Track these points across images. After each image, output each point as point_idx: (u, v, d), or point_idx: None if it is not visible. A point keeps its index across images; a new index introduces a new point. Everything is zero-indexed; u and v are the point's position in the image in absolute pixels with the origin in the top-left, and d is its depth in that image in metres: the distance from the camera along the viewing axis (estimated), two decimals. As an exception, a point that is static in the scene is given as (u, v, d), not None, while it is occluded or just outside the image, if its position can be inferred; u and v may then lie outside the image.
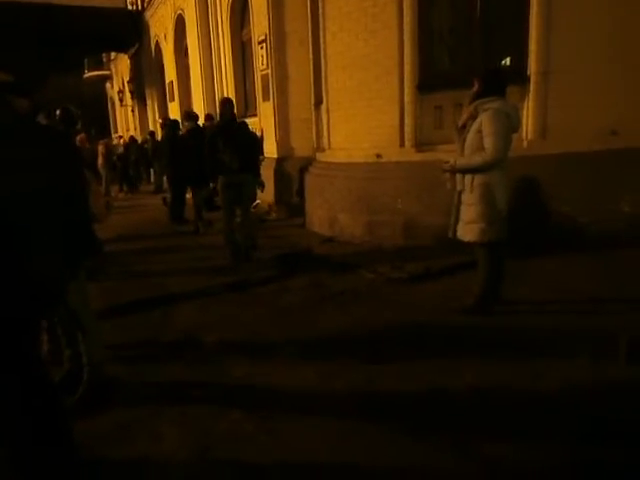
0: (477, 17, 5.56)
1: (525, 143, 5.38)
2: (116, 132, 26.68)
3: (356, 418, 2.64)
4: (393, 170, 5.91)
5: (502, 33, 5.67)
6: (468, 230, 3.74)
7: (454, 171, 3.80)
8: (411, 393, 2.85)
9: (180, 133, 8.96)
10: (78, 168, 2.72)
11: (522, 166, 4.67)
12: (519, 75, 5.36)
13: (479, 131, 3.59)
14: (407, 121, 5.81)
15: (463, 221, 3.77)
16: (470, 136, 3.67)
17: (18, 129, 1.86)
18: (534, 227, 5.03)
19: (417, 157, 5.78)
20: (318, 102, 7.45)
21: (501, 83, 3.71)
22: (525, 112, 5.37)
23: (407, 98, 5.76)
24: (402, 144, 5.89)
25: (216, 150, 5.52)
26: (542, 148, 5.27)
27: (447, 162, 3.82)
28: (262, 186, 6.08)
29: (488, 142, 3.53)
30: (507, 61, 5.81)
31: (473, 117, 3.68)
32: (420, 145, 5.80)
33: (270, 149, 9.36)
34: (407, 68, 5.72)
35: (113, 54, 23.99)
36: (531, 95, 5.38)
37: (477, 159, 3.60)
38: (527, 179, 5.11)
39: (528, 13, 5.24)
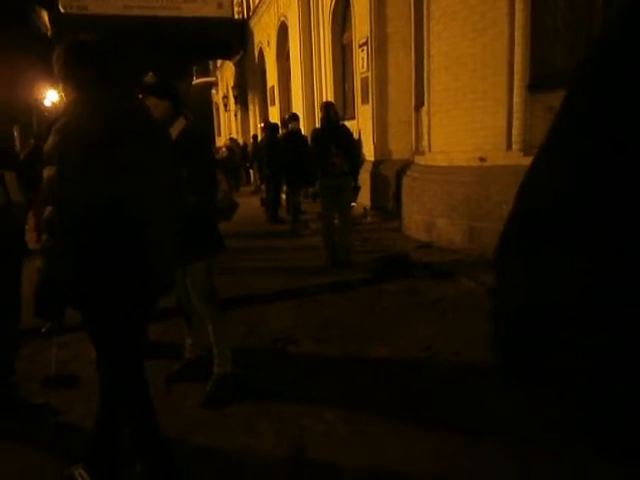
0: (598, 9, 5.13)
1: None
2: (220, 136, 28.07)
3: (454, 433, 2.51)
4: (498, 174, 5.62)
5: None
6: None
7: None
8: (516, 415, 2.67)
9: (279, 135, 9.22)
10: (206, 168, 2.88)
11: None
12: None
13: None
14: (515, 123, 5.51)
15: None
16: None
17: (150, 129, 1.98)
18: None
19: (525, 161, 5.43)
20: (419, 104, 7.31)
21: None
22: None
23: (516, 99, 5.46)
24: (509, 147, 5.59)
25: (327, 153, 5.56)
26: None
27: None
28: (358, 189, 6.04)
29: None
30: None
31: None
32: (529, 148, 5.46)
33: (367, 152, 9.35)
34: (517, 67, 5.42)
35: (219, 61, 25.27)
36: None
37: None
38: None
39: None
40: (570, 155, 0.44)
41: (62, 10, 15.35)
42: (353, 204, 8.11)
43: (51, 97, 21.45)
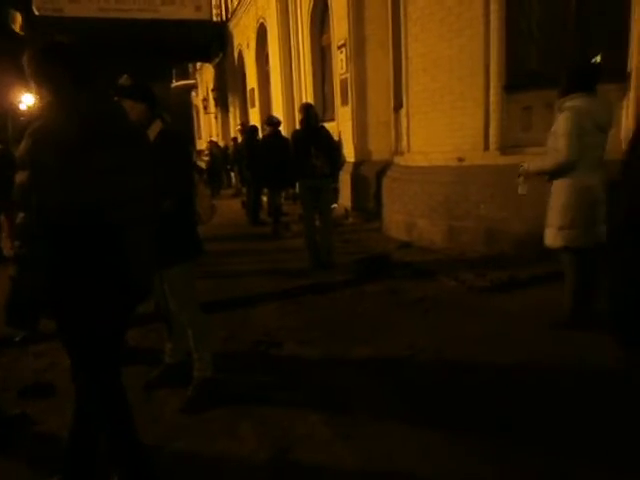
0: (571, 11, 5.23)
1: (624, 145, 4.97)
2: (200, 138, 27.88)
3: (436, 431, 2.53)
4: (476, 174, 5.69)
5: (599, 27, 5.28)
6: (546, 234, 3.60)
7: (528, 175, 3.61)
8: (497, 410, 2.70)
9: (259, 137, 9.21)
10: (184, 171, 2.85)
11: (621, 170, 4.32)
12: (618, 72, 4.97)
13: (555, 131, 3.39)
14: (492, 123, 5.57)
15: (545, 225, 3.60)
16: (550, 137, 3.46)
17: (128, 132, 1.95)
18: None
19: (502, 160, 5.51)
20: (398, 105, 7.35)
21: (587, 78, 3.43)
22: (624, 111, 4.97)
23: (493, 99, 5.53)
24: (486, 147, 5.65)
25: (307, 155, 5.56)
26: (644, 150, 4.84)
27: (522, 165, 3.65)
28: (337, 191, 6.09)
29: (560, 143, 3.33)
30: (602, 57, 5.40)
31: None
32: (506, 148, 5.53)
33: (347, 153, 9.37)
34: (493, 68, 5.48)
35: (199, 64, 25.12)
36: (631, 93, 4.98)
37: (549, 161, 3.42)
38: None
39: (629, 4, 4.85)
40: None
41: (36, 12, 15.10)
42: (334, 205, 8.14)
43: (27, 101, 21.08)
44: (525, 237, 4.86)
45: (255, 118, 15.71)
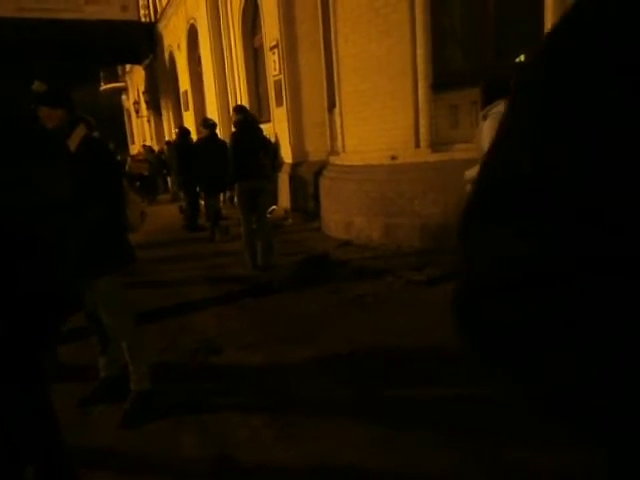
0: (490, 13, 5.48)
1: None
2: (133, 143, 27.01)
3: (378, 424, 2.58)
4: (409, 171, 5.84)
5: (516, 28, 5.57)
6: None
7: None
8: (435, 399, 2.78)
9: (193, 141, 9.02)
10: (111, 178, 2.74)
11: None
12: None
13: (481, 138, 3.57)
14: (422, 121, 5.74)
15: None
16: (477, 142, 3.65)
17: (42, 141, 1.84)
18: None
19: (433, 157, 5.70)
20: (331, 106, 7.43)
21: (501, 88, 3.65)
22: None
23: (421, 98, 5.70)
24: (417, 145, 5.82)
25: (243, 156, 5.50)
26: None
27: (465, 174, 3.79)
28: (274, 193, 6.11)
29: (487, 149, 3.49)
30: (522, 57, 5.70)
31: None
32: (436, 145, 5.72)
33: (285, 154, 9.37)
34: (420, 68, 5.65)
35: (128, 66, 24.33)
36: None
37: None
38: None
39: (543, 6, 5.13)
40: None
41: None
42: (274, 207, 8.12)
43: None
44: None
45: (190, 121, 15.41)
